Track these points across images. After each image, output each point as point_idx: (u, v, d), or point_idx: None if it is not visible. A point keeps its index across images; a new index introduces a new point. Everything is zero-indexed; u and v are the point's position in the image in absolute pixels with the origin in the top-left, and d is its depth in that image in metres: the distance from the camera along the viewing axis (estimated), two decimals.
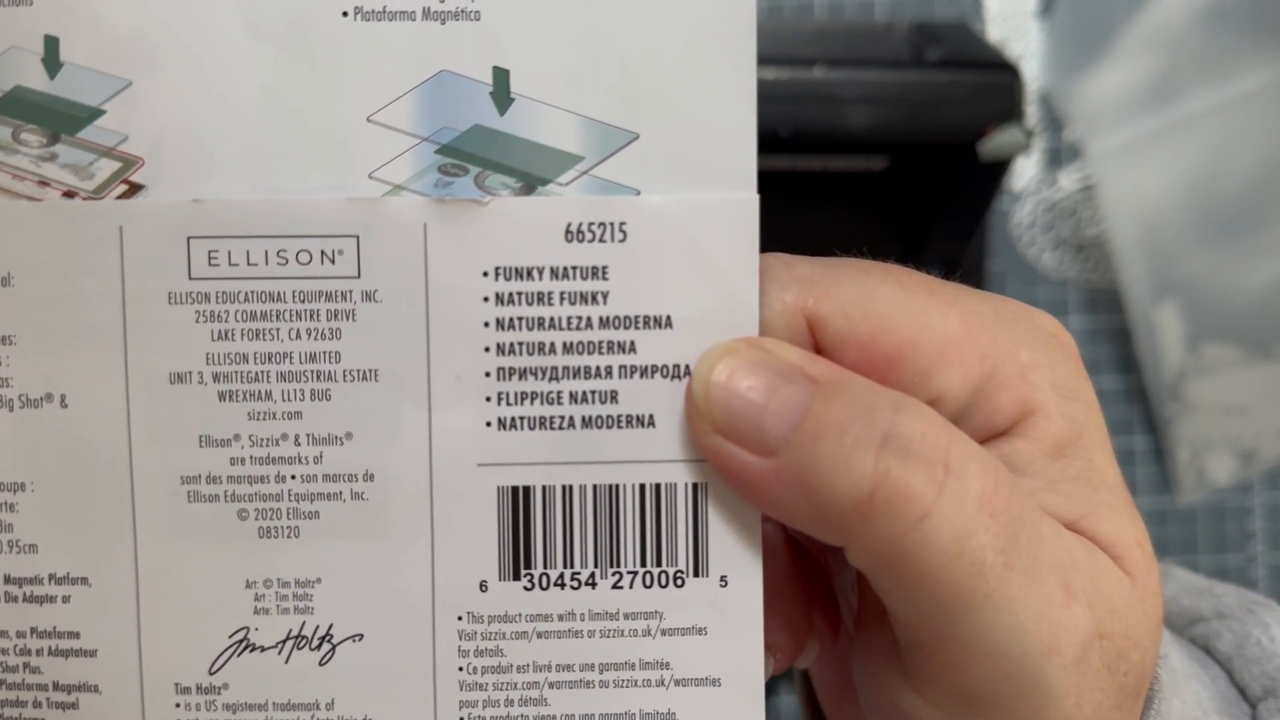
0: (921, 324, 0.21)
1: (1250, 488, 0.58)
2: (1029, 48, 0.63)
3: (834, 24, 0.54)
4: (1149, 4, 0.62)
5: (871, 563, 0.20)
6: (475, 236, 0.20)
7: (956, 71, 0.46)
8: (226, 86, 0.20)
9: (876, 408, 0.20)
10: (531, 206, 0.20)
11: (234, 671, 0.21)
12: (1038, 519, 0.20)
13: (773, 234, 0.59)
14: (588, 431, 0.21)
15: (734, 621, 0.21)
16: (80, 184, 0.20)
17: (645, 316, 0.20)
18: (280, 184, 0.20)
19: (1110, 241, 0.58)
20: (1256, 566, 0.59)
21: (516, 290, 0.20)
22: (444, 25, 0.20)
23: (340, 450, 0.20)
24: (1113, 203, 0.57)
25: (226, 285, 0.20)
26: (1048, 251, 0.63)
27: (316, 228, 0.20)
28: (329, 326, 0.20)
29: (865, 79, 0.46)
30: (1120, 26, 0.63)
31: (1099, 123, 0.60)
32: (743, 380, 0.20)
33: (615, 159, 0.20)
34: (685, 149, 0.20)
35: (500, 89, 0.20)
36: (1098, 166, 0.59)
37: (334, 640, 0.21)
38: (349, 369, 0.20)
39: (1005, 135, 0.45)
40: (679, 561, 0.21)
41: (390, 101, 0.20)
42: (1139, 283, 0.57)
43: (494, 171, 0.20)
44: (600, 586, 0.21)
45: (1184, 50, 0.58)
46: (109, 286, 0.20)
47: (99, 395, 0.20)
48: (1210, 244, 0.57)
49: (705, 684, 0.21)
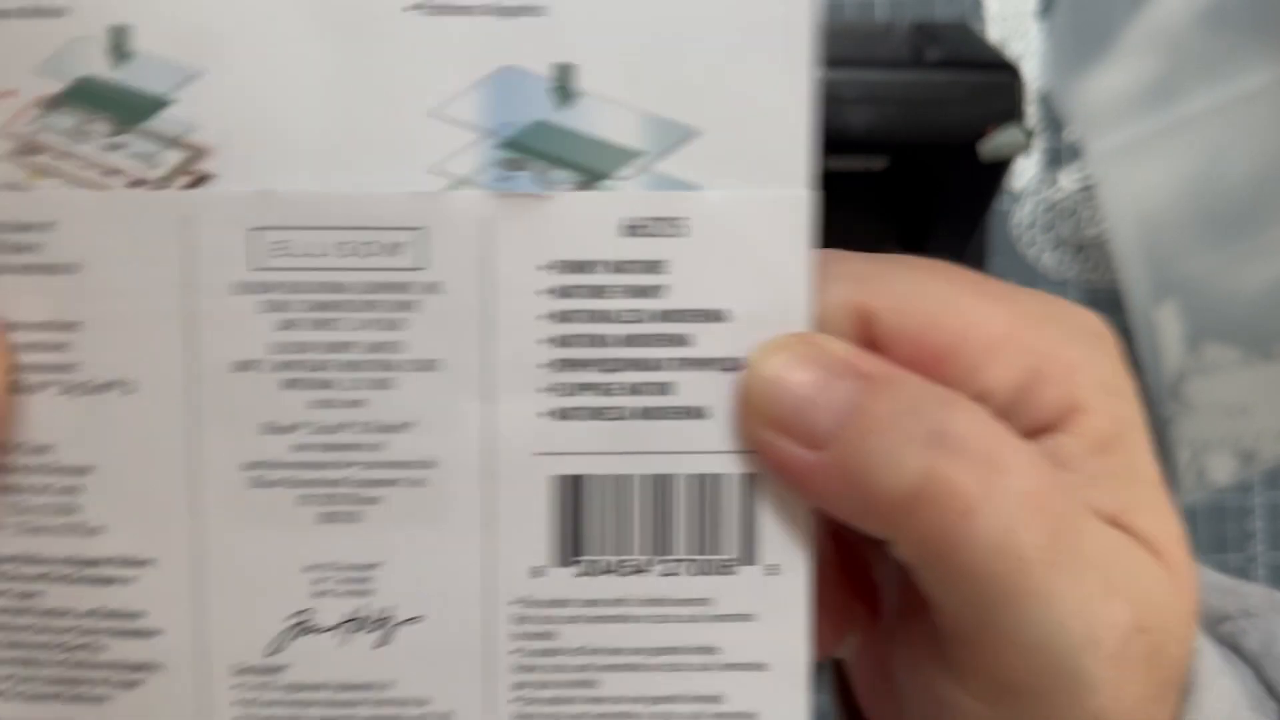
0: (970, 321, 0.21)
1: (1250, 488, 0.59)
2: (1029, 48, 0.63)
3: (834, 24, 0.54)
4: (1149, 4, 0.63)
5: (916, 556, 0.20)
6: (535, 230, 0.20)
7: (956, 72, 0.46)
8: (292, 78, 0.20)
9: (925, 404, 0.20)
10: (591, 201, 0.21)
11: (294, 653, 0.21)
12: (1080, 515, 0.20)
13: None
14: (642, 422, 0.21)
15: (781, 608, 0.21)
16: (147, 173, 0.20)
17: (701, 310, 0.21)
18: (344, 176, 0.20)
19: (1110, 241, 0.58)
20: (1257, 566, 0.60)
21: (575, 283, 0.21)
22: (507, 20, 0.20)
23: (400, 438, 0.21)
24: (1113, 203, 0.57)
25: (291, 276, 0.20)
26: (1048, 251, 0.63)
27: (380, 220, 0.20)
28: (391, 317, 0.21)
29: (865, 79, 0.46)
30: (1120, 26, 0.63)
31: (1099, 123, 0.61)
32: (794, 375, 0.21)
33: (675, 154, 0.20)
34: (744, 145, 0.21)
35: (562, 84, 0.20)
36: (1098, 166, 0.59)
37: (393, 623, 0.21)
38: (410, 359, 0.21)
39: (1005, 135, 0.45)
40: (729, 550, 0.21)
41: (453, 96, 0.20)
42: (1139, 283, 0.57)
43: (555, 166, 0.20)
44: (651, 573, 0.21)
45: (1184, 50, 0.58)
46: (175, 275, 0.20)
47: (164, 382, 0.20)
48: (1210, 244, 0.57)
49: (752, 668, 0.22)
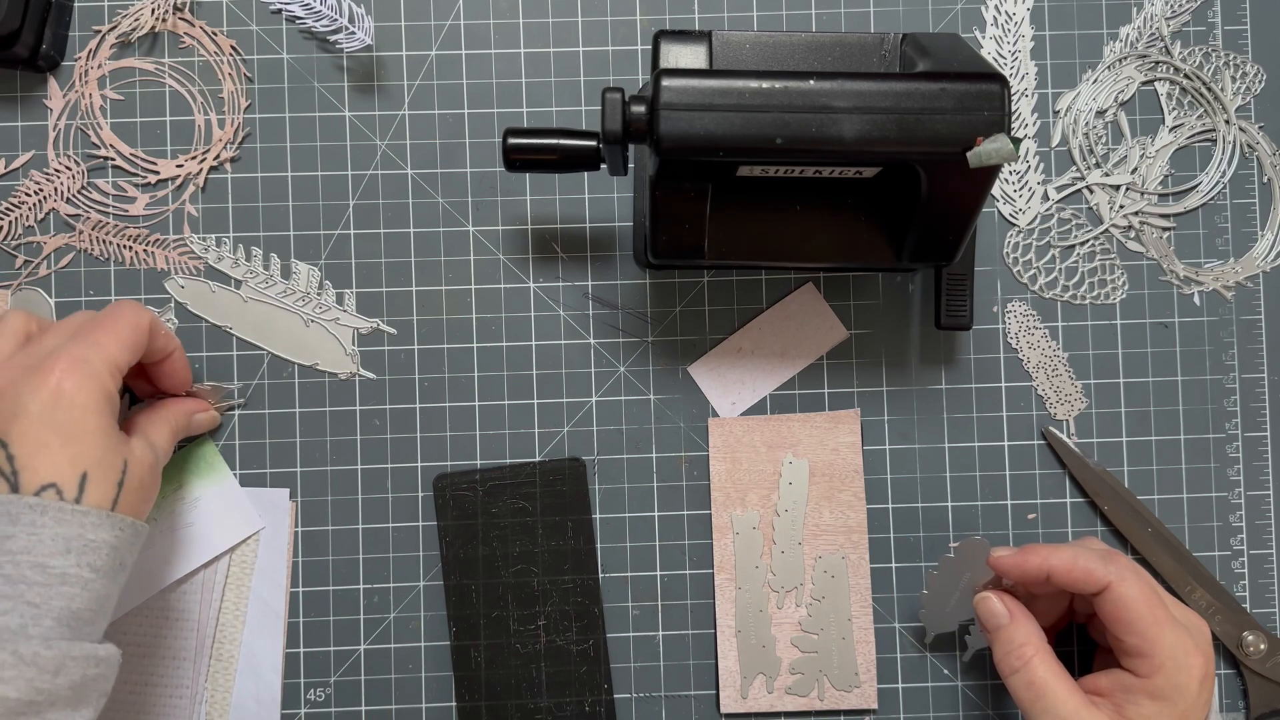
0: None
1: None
2: (1021, 57, 0.64)
3: (828, 35, 0.55)
4: (1138, 15, 0.64)
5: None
6: None
7: (946, 82, 0.47)
8: None
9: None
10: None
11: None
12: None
13: (768, 238, 0.61)
14: None
15: None
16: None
17: None
18: None
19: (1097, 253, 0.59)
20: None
21: None
22: None
23: None
24: (1101, 214, 0.58)
25: None
26: (1036, 261, 0.64)
27: None
28: None
29: (858, 89, 0.46)
30: (1109, 38, 0.64)
31: (1089, 134, 0.61)
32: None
33: None
34: None
35: None
36: (1088, 178, 0.60)
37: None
38: None
39: (993, 144, 0.46)
40: None
41: None
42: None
43: None
44: None
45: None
46: None
47: None
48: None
49: None
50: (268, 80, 0.63)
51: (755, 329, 0.63)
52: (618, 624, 0.63)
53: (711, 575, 0.63)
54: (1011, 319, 0.63)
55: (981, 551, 0.58)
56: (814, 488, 0.63)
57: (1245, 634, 0.62)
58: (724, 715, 0.63)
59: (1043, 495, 0.63)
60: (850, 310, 0.64)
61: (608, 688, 0.62)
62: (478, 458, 0.63)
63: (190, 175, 0.63)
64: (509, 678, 0.62)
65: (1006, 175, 0.64)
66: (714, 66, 0.54)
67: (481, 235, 0.63)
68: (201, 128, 0.63)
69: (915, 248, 0.54)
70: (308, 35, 0.64)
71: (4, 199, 0.63)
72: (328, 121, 0.63)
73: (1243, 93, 0.64)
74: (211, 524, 0.62)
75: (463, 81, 0.63)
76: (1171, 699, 0.51)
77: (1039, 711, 0.52)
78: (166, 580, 0.61)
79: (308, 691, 0.62)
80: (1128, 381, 0.64)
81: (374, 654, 0.63)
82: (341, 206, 0.63)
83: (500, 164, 0.63)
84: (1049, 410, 0.63)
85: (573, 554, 0.62)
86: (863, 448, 0.63)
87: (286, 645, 0.63)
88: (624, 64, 0.63)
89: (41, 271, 0.63)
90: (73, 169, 0.63)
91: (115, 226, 0.63)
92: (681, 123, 0.47)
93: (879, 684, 0.63)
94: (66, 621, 0.48)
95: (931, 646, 0.63)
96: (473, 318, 0.63)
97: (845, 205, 0.55)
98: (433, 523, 0.63)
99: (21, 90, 0.63)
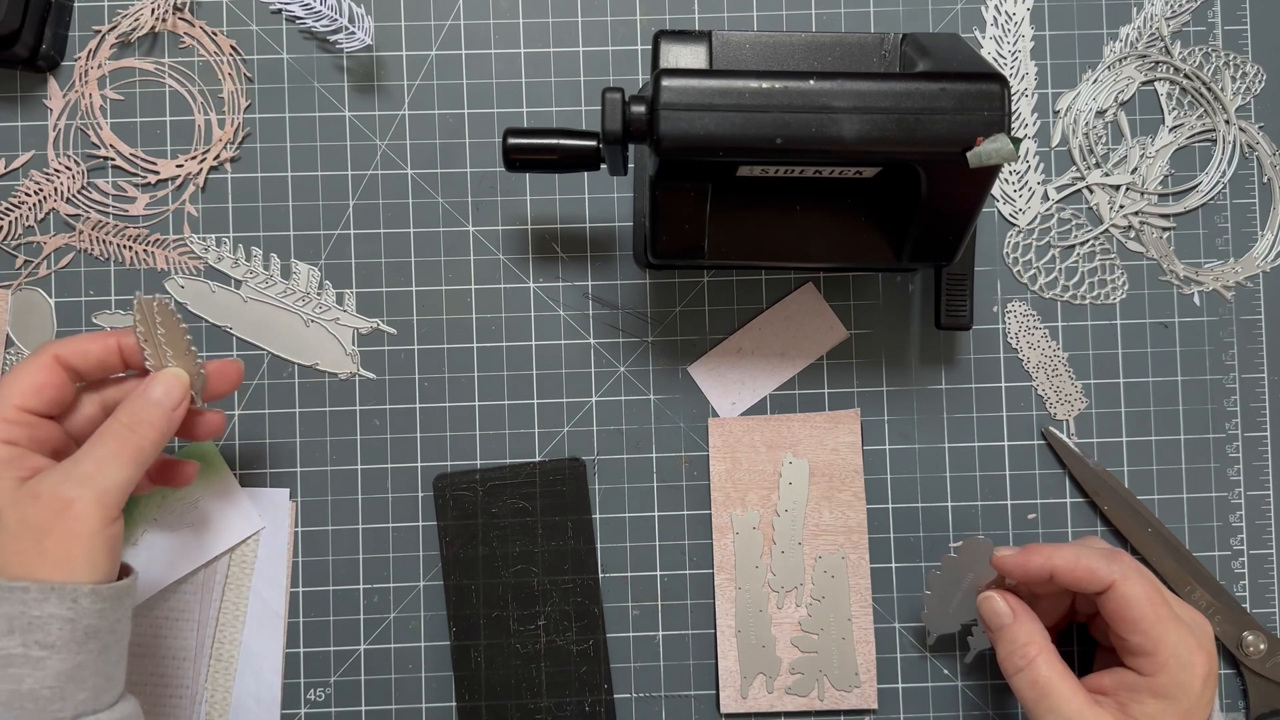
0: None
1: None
2: (1021, 57, 0.64)
3: (828, 35, 0.55)
4: (1138, 15, 0.64)
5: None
6: None
7: (946, 82, 0.47)
8: None
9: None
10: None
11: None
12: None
13: (768, 238, 0.61)
14: None
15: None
16: None
17: None
18: None
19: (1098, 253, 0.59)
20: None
21: None
22: None
23: None
24: (1101, 214, 0.58)
25: None
26: (1036, 261, 0.64)
27: None
28: None
29: (858, 89, 0.46)
30: (1109, 38, 0.64)
31: (1089, 134, 0.61)
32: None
33: None
34: None
35: None
36: (1088, 178, 0.60)
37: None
38: None
39: (993, 144, 0.46)
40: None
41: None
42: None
43: None
44: None
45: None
46: None
47: None
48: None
49: None
50: (268, 80, 0.63)
51: (755, 329, 0.63)
52: (618, 624, 0.63)
53: (711, 575, 0.63)
54: (1011, 319, 0.63)
55: (984, 551, 0.58)
56: (814, 488, 0.63)
57: (1245, 634, 0.62)
58: (724, 715, 0.63)
59: (1043, 495, 0.63)
60: (850, 310, 0.64)
61: (608, 688, 0.62)
62: (478, 458, 0.63)
63: (190, 175, 0.63)
64: (509, 678, 0.62)
65: (1006, 175, 0.64)
66: (714, 66, 0.54)
67: (481, 235, 0.63)
68: (201, 128, 0.63)
69: (915, 248, 0.54)
70: (308, 35, 0.64)
71: (4, 199, 0.63)
72: (328, 121, 0.63)
73: (1243, 93, 0.64)
74: (211, 524, 0.62)
75: (463, 81, 0.63)
76: (1175, 697, 0.51)
77: (1043, 711, 0.52)
78: (166, 580, 0.61)
79: (308, 691, 0.62)
80: (1128, 381, 0.64)
81: (374, 654, 0.63)
82: (341, 206, 0.63)
83: (500, 164, 0.63)
84: (1049, 410, 0.63)
85: (573, 554, 0.63)
86: (863, 448, 0.63)
87: (286, 645, 0.63)
88: (624, 64, 0.63)
89: (41, 271, 0.63)
90: (73, 169, 0.63)
91: (115, 226, 0.63)
92: (681, 123, 0.47)
93: (879, 684, 0.63)
94: (17, 704, 0.45)
95: (932, 647, 0.63)
96: (473, 318, 0.63)
97: (845, 205, 0.55)
98: (433, 523, 0.63)
99: (21, 90, 0.63)
